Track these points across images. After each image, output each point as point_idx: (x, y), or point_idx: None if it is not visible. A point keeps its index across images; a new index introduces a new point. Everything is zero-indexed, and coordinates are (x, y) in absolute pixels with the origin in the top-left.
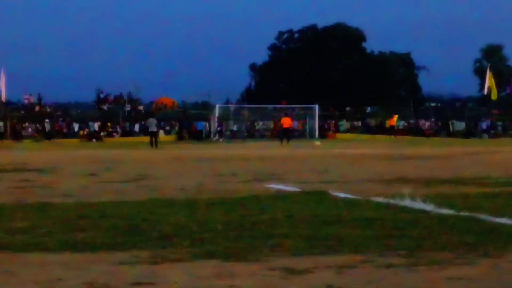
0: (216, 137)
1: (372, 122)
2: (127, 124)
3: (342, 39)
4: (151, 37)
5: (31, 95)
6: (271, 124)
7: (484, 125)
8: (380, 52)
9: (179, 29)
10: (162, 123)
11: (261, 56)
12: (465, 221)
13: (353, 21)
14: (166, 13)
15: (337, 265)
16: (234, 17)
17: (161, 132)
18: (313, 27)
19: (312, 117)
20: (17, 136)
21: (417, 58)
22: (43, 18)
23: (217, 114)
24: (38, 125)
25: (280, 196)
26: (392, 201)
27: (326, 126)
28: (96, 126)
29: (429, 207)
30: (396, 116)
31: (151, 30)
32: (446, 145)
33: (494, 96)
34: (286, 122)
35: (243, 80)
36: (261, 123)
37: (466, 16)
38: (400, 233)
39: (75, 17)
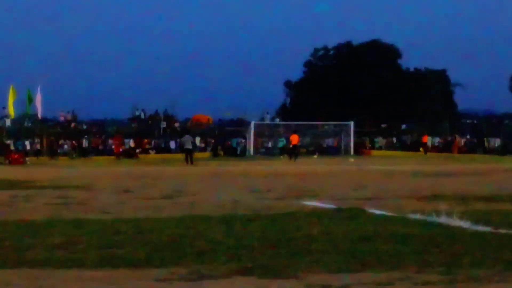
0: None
1: (408, 139)
2: (163, 141)
3: (377, 56)
4: (187, 53)
5: (68, 112)
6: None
7: None
8: (415, 68)
9: (215, 46)
10: (197, 138)
11: (297, 72)
12: (503, 238)
13: (388, 38)
14: (202, 30)
15: (374, 282)
16: (269, 34)
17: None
18: (348, 44)
19: (347, 134)
20: (53, 153)
21: (453, 74)
22: (79, 35)
23: (252, 131)
24: (74, 142)
25: (316, 213)
26: (428, 218)
27: (361, 143)
28: (131, 143)
29: (466, 223)
30: (427, 136)
31: (187, 46)
32: (482, 162)
33: None
34: (294, 139)
35: (278, 97)
36: None
37: (502, 32)
38: (437, 250)
39: (111, 34)
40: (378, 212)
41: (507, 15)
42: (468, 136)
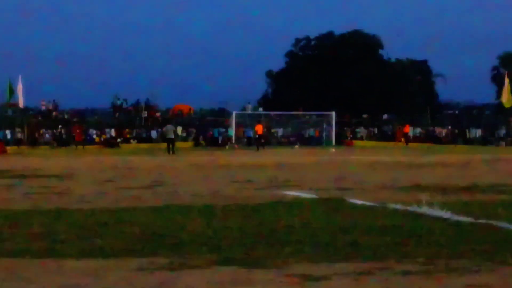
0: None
1: (389, 129)
2: (144, 130)
3: (359, 46)
4: (168, 43)
5: (49, 102)
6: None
7: (501, 132)
8: (397, 59)
9: (196, 36)
10: (179, 127)
11: (278, 63)
12: (483, 228)
13: (370, 28)
14: (184, 20)
15: (354, 272)
16: (251, 24)
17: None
18: (330, 34)
19: (329, 124)
20: (34, 142)
21: (434, 65)
22: (60, 25)
23: (233, 121)
24: (55, 131)
25: (297, 203)
26: (409, 209)
27: (342, 133)
28: (113, 132)
29: (446, 214)
30: (408, 126)
31: (168, 36)
32: (463, 152)
33: (507, 104)
34: (259, 129)
35: (259, 87)
36: (277, 129)
37: (483, 23)
38: (418, 241)
39: (92, 24)
40: (359, 202)
41: (488, 6)
42: (449, 127)
